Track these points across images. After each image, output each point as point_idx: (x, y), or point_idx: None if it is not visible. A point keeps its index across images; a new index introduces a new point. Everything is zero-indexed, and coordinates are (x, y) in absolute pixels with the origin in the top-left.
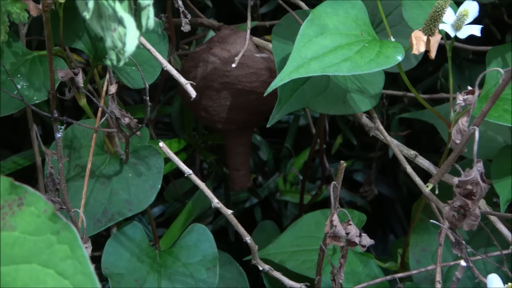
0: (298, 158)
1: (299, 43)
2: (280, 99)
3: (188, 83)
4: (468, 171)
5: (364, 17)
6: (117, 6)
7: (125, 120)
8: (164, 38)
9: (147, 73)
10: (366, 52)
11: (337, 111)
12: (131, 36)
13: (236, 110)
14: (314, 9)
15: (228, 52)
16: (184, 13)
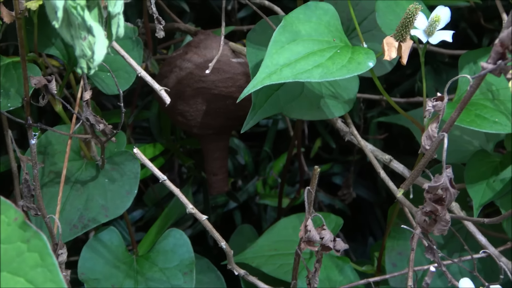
0: (277, 162)
1: (271, 50)
2: (254, 104)
3: (162, 89)
4: (438, 177)
5: (337, 23)
6: (86, 15)
7: (100, 126)
8: (138, 44)
9: (121, 79)
10: (338, 59)
11: (311, 117)
12: (100, 45)
13: (212, 115)
14: (286, 16)
15: (204, 57)
16: (158, 19)
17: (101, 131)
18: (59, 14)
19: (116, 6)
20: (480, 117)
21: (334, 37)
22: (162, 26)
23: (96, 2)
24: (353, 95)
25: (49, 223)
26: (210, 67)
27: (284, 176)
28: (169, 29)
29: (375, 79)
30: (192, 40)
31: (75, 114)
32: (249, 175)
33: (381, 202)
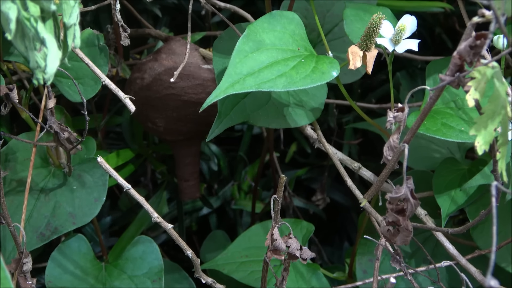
0: (252, 167)
1: (234, 59)
2: (220, 113)
3: (126, 97)
4: (399, 188)
5: (301, 32)
6: (40, 27)
7: (64, 134)
8: (104, 51)
9: (88, 86)
10: (302, 68)
11: (277, 125)
12: (52, 57)
13: (182, 121)
14: (250, 25)
15: (173, 63)
16: (123, 27)
17: (65, 139)
18: (11, 26)
19: (72, 17)
20: (447, 126)
21: (299, 46)
22: (127, 33)
23: (50, 13)
24: (320, 103)
25: (14, 231)
26: (176, 74)
27: (257, 181)
28: (140, 35)
29: (341, 86)
30: (162, 46)
31: (39, 123)
32: (224, 180)
33: (357, 206)
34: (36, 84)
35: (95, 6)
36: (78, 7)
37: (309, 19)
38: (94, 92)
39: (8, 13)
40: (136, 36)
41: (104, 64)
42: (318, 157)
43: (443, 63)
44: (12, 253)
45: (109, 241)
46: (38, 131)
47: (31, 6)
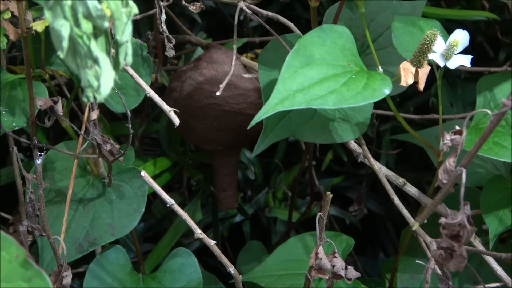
0: (288, 174)
1: (284, 74)
2: (265, 127)
3: (171, 110)
4: (455, 213)
5: (352, 46)
6: (93, 45)
7: (107, 146)
8: (147, 61)
9: (130, 97)
10: (353, 85)
11: (323, 140)
12: (106, 78)
13: (223, 131)
14: (300, 39)
15: (215, 72)
16: (168, 38)
17: (108, 151)
18: (64, 44)
19: (124, 35)
20: (498, 145)
21: (349, 61)
22: (173, 44)
23: (103, 30)
24: (366, 117)
25: (54, 244)
26: (221, 88)
27: (294, 190)
28: (180, 42)
29: (389, 100)
30: (203, 54)
31: (81, 135)
32: (258, 186)
33: (392, 216)
34: (86, 102)
35: (140, 15)
36: (131, 24)
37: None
38: (136, 103)
39: (61, 30)
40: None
41: (147, 74)
42: (354, 166)
43: (494, 79)
44: (50, 264)
45: (143, 247)
46: (80, 143)
47: (83, 23)
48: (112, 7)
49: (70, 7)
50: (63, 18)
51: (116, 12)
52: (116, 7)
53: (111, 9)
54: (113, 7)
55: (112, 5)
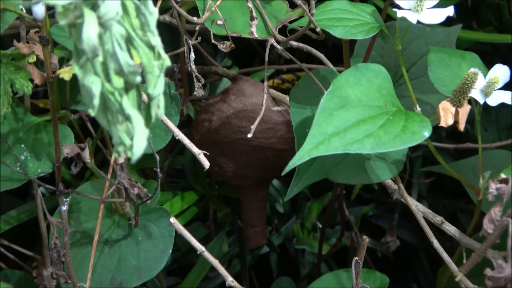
0: (316, 204)
1: (319, 118)
2: (298, 170)
3: (201, 153)
4: (501, 266)
5: (388, 86)
6: (125, 102)
7: (134, 190)
8: (175, 99)
9: (158, 137)
10: (391, 127)
11: (358, 180)
12: (139, 137)
13: (251, 167)
14: (335, 79)
15: (243, 106)
16: (197, 78)
17: (135, 195)
18: (95, 102)
19: (156, 88)
20: None
21: (386, 101)
22: (202, 83)
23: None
24: (403, 154)
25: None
26: (253, 129)
27: (326, 222)
28: (206, 73)
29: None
30: (231, 86)
31: (108, 180)
32: (286, 215)
33: (427, 246)
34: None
35: (170, 54)
36: (163, 77)
37: (385, 58)
38: (164, 143)
39: (91, 87)
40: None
41: (176, 114)
42: (384, 193)
43: None
44: None
45: (167, 281)
46: (107, 187)
47: (115, 79)
48: (144, 61)
49: (102, 63)
50: (94, 74)
51: (148, 66)
52: (148, 60)
53: (143, 62)
54: (145, 60)
55: (144, 58)
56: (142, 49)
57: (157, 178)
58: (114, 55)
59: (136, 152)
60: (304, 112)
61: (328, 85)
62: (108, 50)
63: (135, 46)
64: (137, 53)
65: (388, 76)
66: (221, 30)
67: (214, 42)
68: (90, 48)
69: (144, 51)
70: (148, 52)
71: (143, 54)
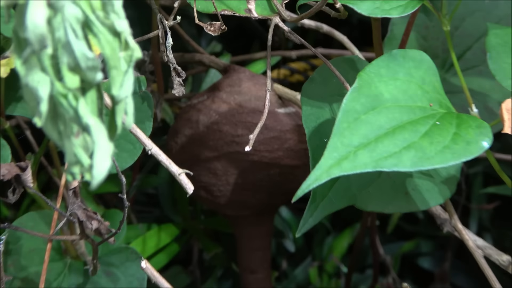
0: (340, 240)
1: (341, 124)
2: (314, 194)
3: (182, 173)
4: None
5: (434, 80)
6: (81, 107)
7: (92, 224)
8: (147, 100)
9: (123, 152)
10: (438, 135)
11: (396, 208)
12: (101, 154)
13: (250, 190)
14: (362, 72)
15: (238, 107)
16: (176, 70)
17: (94, 231)
18: (42, 107)
19: (123, 88)
20: None
21: (430, 101)
22: (182, 79)
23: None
24: (455, 170)
25: None
26: (252, 139)
27: (352, 264)
28: (188, 62)
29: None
30: (221, 80)
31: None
32: (298, 256)
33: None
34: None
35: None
36: (132, 72)
37: (430, 41)
38: (132, 159)
39: (37, 88)
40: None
41: (148, 120)
42: (432, 224)
43: None
44: None
45: None
46: (55, 220)
47: (68, 76)
48: (107, 52)
49: (51, 57)
50: (41, 70)
51: (112, 59)
52: (112, 51)
53: (105, 54)
54: (108, 51)
55: (107, 48)
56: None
57: (123, 207)
58: (68, 45)
59: (98, 175)
60: (321, 115)
61: (353, 78)
62: (60, 39)
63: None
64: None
65: (433, 67)
66: (208, 6)
67: (199, 23)
68: (37, 37)
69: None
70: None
71: (106, 43)
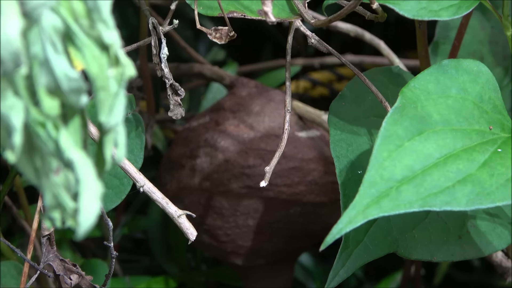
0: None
1: (381, 153)
2: (346, 239)
3: (182, 214)
4: None
5: (494, 96)
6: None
7: (72, 278)
8: (138, 123)
9: (109, 189)
10: (500, 165)
11: (447, 256)
12: (89, 196)
13: (265, 234)
14: (405, 88)
15: (250, 131)
16: (173, 88)
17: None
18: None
19: (113, 114)
20: None
21: (490, 123)
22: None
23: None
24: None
25: None
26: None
27: None
28: (184, 75)
29: None
30: (227, 98)
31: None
32: None
33: None
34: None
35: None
36: (123, 96)
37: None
38: (119, 198)
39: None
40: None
41: (139, 149)
42: (490, 273)
43: None
44: None
45: None
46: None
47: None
48: (93, 70)
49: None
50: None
51: (99, 78)
52: (100, 68)
53: (90, 72)
54: (95, 69)
55: (93, 65)
56: (90, 50)
57: (111, 256)
58: (46, 63)
59: (85, 221)
60: (353, 141)
61: (393, 95)
62: (36, 55)
63: (79, 46)
64: (82, 57)
65: (493, 80)
66: (212, 8)
67: (201, 28)
68: (10, 55)
69: (92, 54)
70: (100, 56)
71: (92, 59)
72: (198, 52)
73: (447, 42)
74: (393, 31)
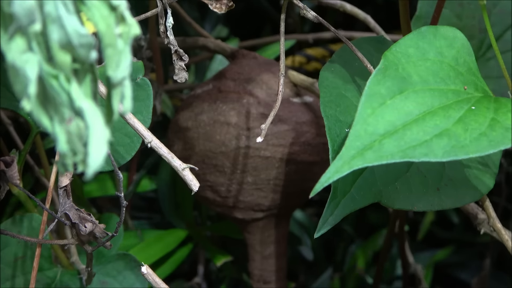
0: (364, 247)
1: (365, 110)
2: (335, 189)
3: (186, 168)
4: None
5: (469, 60)
6: (74, 89)
7: (87, 226)
8: (145, 89)
9: (119, 146)
10: (473, 121)
11: (426, 206)
12: (97, 141)
13: (263, 190)
14: (388, 52)
15: (249, 97)
16: (178, 54)
17: (88, 234)
18: (30, 90)
19: (120, 68)
20: None
21: (465, 83)
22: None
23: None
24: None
25: None
26: (264, 131)
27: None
28: (191, 47)
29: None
30: (228, 68)
31: (46, 211)
32: (316, 264)
33: None
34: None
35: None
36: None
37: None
38: (129, 154)
39: (25, 68)
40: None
41: (147, 110)
42: (469, 229)
43: None
44: None
45: None
46: (45, 222)
47: (59, 55)
48: (102, 28)
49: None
50: (29, 49)
51: (107, 35)
52: (108, 27)
53: (99, 30)
54: (103, 27)
55: (102, 24)
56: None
57: (121, 206)
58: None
59: (93, 163)
60: (341, 102)
61: (377, 61)
62: (49, 14)
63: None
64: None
65: (468, 46)
66: None
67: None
68: (24, 12)
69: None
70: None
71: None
72: (204, 28)
73: (427, 16)
74: (382, 12)
